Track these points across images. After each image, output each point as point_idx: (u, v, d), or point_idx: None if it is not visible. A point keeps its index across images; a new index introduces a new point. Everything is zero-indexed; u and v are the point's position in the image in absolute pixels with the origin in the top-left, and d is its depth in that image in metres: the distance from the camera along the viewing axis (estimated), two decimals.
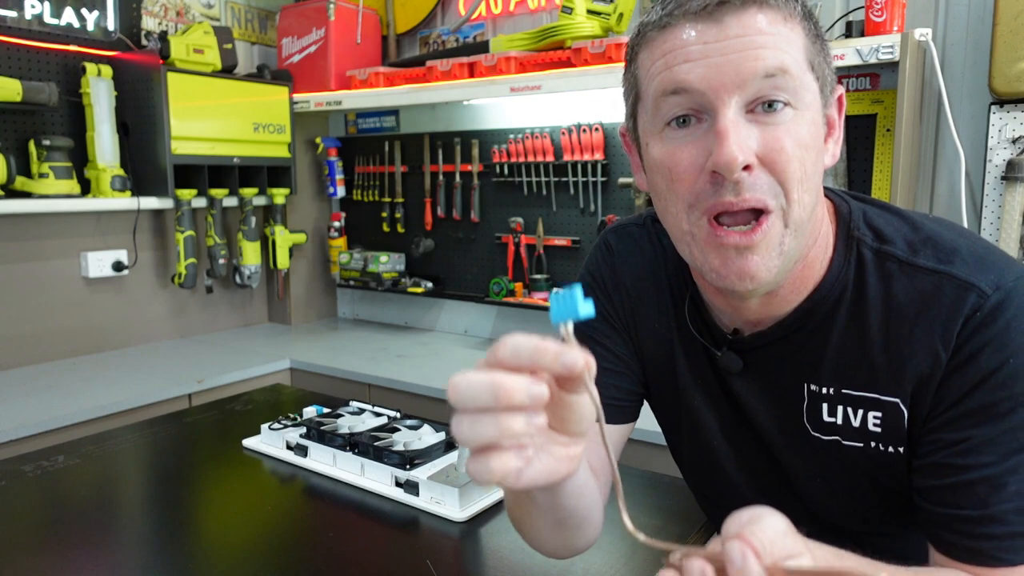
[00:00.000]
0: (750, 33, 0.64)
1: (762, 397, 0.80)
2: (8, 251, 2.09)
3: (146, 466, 1.34)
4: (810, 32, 0.69)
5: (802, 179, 0.66)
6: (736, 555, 0.44)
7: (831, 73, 0.72)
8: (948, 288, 0.67)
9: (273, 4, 2.75)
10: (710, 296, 0.80)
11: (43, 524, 1.05)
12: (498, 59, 2.10)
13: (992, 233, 1.60)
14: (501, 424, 0.45)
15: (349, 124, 2.82)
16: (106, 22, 2.26)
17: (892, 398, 0.71)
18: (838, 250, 0.74)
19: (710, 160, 0.65)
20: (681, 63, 0.66)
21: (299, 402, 1.61)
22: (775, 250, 0.67)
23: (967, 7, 1.66)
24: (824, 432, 0.76)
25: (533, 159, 2.32)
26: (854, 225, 0.75)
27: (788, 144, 0.65)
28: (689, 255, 0.72)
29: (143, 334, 2.43)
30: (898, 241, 0.72)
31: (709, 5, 0.65)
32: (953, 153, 1.67)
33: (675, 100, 0.67)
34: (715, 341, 0.82)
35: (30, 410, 1.73)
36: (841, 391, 0.74)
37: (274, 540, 1.03)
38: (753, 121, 0.65)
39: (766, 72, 0.64)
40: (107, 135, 2.18)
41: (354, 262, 2.69)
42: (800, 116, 0.66)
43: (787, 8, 0.67)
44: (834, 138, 0.75)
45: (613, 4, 1.99)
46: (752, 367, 0.79)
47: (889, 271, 0.71)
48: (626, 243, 0.90)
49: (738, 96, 0.64)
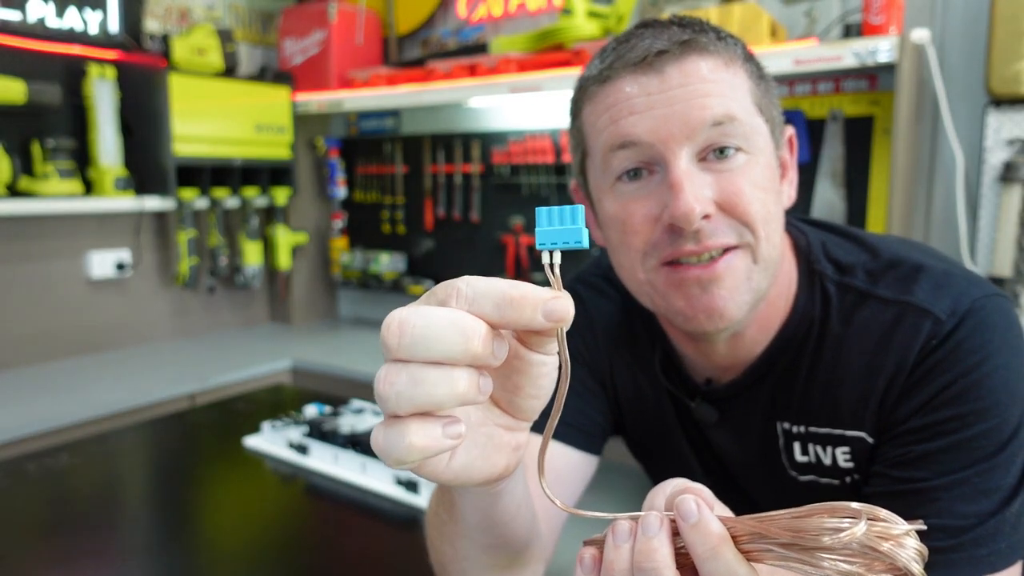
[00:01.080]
0: (693, 82, 0.63)
1: (740, 443, 0.78)
2: (11, 251, 2.10)
3: (148, 465, 1.35)
4: (753, 74, 0.68)
5: (766, 218, 0.65)
6: (691, 508, 0.38)
7: (779, 114, 0.71)
8: (907, 317, 0.66)
9: (275, 6, 2.76)
10: (680, 344, 0.78)
11: (46, 523, 1.06)
12: (498, 60, 2.11)
13: (989, 234, 1.61)
14: (454, 383, 0.35)
15: (350, 125, 2.83)
16: (109, 24, 2.27)
17: (856, 432, 0.69)
18: (801, 286, 0.72)
19: (666, 212, 0.63)
20: (626, 116, 0.64)
21: (300, 401, 1.62)
22: (743, 284, 0.65)
23: (964, 9, 1.67)
24: (800, 472, 0.74)
25: (533, 160, 2.33)
26: (814, 259, 0.73)
27: (746, 187, 0.64)
28: (652, 304, 0.70)
29: (145, 334, 2.45)
30: (858, 271, 0.70)
31: (648, 56, 0.63)
32: (950, 154, 1.68)
33: (624, 154, 0.65)
34: (688, 392, 0.79)
35: (33, 409, 1.74)
36: (809, 429, 0.72)
37: (275, 539, 1.04)
38: (706, 169, 0.64)
39: (714, 120, 0.62)
40: (110, 136, 2.19)
41: (355, 262, 2.70)
42: (753, 160, 0.65)
43: (728, 53, 0.66)
44: (788, 179, 0.73)
45: (613, 6, 1.99)
46: (727, 416, 0.77)
47: (851, 303, 0.69)
48: (596, 295, 0.86)
49: (688, 146, 0.63)
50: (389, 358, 0.35)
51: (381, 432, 0.36)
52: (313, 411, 1.42)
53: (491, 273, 2.63)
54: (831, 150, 1.82)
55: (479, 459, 0.41)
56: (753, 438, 0.76)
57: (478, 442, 0.42)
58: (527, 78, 2.03)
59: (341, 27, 2.52)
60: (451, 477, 0.40)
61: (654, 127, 0.63)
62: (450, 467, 0.40)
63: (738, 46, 0.67)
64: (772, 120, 0.69)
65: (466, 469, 0.41)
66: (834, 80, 1.81)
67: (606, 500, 1.11)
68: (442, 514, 0.60)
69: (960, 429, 0.61)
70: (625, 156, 0.65)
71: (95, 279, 2.28)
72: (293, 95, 2.56)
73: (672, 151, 0.63)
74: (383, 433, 0.36)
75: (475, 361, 0.35)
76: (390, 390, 0.35)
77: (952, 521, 0.60)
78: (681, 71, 0.63)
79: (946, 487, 0.60)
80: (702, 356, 0.75)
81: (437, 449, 0.36)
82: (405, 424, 0.35)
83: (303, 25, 2.57)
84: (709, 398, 0.78)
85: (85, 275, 2.26)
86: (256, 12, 2.73)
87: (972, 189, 1.69)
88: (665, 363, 0.80)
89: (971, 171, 1.69)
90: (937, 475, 0.61)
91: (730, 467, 0.80)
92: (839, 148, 1.81)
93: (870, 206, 1.79)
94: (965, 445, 0.61)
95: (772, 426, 0.74)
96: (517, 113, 2.39)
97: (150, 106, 2.20)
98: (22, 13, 2.07)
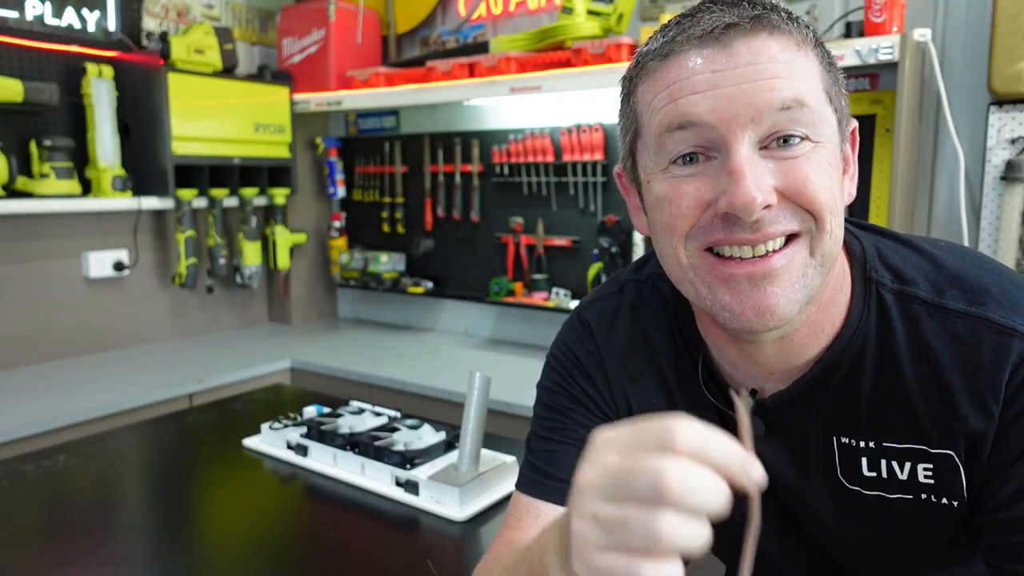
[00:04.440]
0: (762, 61, 0.58)
1: (787, 458, 0.73)
2: (9, 251, 2.09)
3: (147, 465, 1.34)
4: (824, 61, 0.63)
5: (833, 209, 0.61)
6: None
7: (847, 105, 0.66)
8: (986, 334, 0.62)
9: (274, 4, 2.76)
10: (723, 349, 0.72)
11: (44, 523, 1.06)
12: (498, 59, 2.11)
13: (991, 234, 1.61)
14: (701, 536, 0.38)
15: (349, 124, 2.83)
16: (107, 23, 2.26)
17: (943, 450, 0.64)
18: (856, 294, 0.68)
19: (723, 199, 0.59)
20: (688, 95, 0.59)
21: (299, 402, 1.62)
22: (798, 282, 0.61)
23: (966, 8, 1.67)
24: (866, 487, 0.69)
25: (533, 159, 2.32)
26: (870, 266, 0.68)
27: (813, 174, 0.59)
28: (695, 294, 0.65)
29: (144, 334, 2.44)
30: (920, 281, 0.66)
31: (716, 29, 0.59)
32: (952, 153, 1.68)
33: (681, 136, 0.60)
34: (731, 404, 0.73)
35: (31, 410, 1.73)
36: (883, 444, 0.67)
37: (274, 539, 1.03)
38: (768, 157, 0.60)
39: (782, 104, 0.58)
40: (108, 135, 2.19)
41: (354, 262, 2.70)
42: (819, 150, 0.60)
43: (800, 34, 0.61)
44: (850, 175, 0.68)
45: (613, 5, 1.99)
46: (775, 428, 0.72)
47: (915, 314, 0.65)
48: (605, 318, 0.81)
49: (752, 130, 0.59)
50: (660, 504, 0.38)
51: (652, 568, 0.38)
52: (312, 412, 1.42)
53: (491, 272, 2.60)
54: None
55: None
56: (804, 452, 0.72)
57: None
58: (527, 77, 2.03)
59: (340, 26, 2.51)
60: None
61: (717, 107, 0.58)
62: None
63: (809, 29, 0.63)
64: (840, 111, 0.64)
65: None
66: None
67: None
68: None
69: None
70: (682, 138, 0.61)
71: (93, 279, 2.28)
72: (292, 94, 2.55)
73: (735, 134, 0.58)
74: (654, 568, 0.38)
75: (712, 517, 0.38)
76: (671, 537, 0.37)
77: None
78: (750, 48, 0.59)
79: None
80: (746, 360, 0.70)
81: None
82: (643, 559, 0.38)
83: (302, 24, 2.56)
84: (756, 410, 0.72)
85: (83, 275, 2.26)
86: (255, 11, 2.72)
87: (974, 188, 1.69)
88: (705, 377, 0.75)
89: (973, 170, 1.68)
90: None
91: (776, 485, 0.74)
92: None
93: (872, 206, 1.78)
94: None
95: (828, 440, 0.70)
96: (517, 112, 2.38)
97: (148, 105, 2.19)
98: (20, 12, 2.06)
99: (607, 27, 2.00)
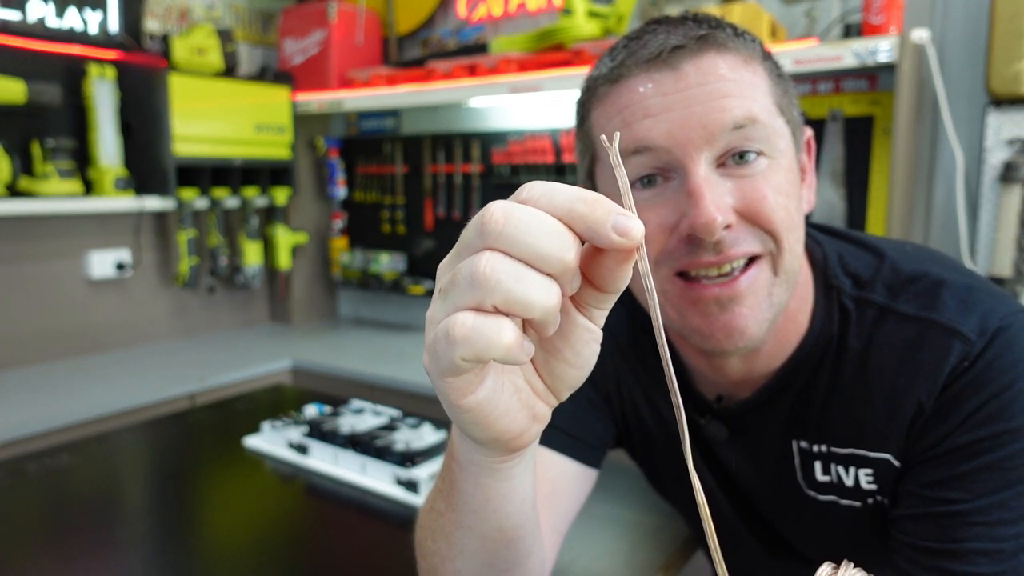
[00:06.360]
0: (711, 81, 0.59)
1: (751, 461, 0.75)
2: (11, 251, 2.10)
3: (148, 465, 1.35)
4: (772, 73, 0.64)
5: (790, 227, 0.62)
6: None
7: (799, 114, 0.67)
8: (932, 336, 0.62)
9: (275, 5, 2.76)
10: (691, 359, 0.74)
11: (46, 523, 1.06)
12: (498, 60, 2.11)
13: (989, 234, 1.61)
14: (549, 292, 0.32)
15: (350, 125, 2.83)
16: (109, 24, 2.27)
17: (880, 454, 0.66)
18: (818, 302, 0.69)
19: (684, 222, 0.60)
20: (640, 119, 0.60)
21: (300, 401, 1.62)
22: (764, 301, 0.62)
23: (964, 9, 1.67)
24: (820, 491, 0.71)
25: (533, 160, 2.33)
26: (831, 273, 0.70)
27: (769, 193, 0.60)
28: (665, 318, 0.66)
29: (145, 334, 2.45)
30: (877, 286, 0.67)
31: (663, 52, 0.59)
32: (950, 154, 1.68)
33: (638, 160, 0.61)
34: (698, 409, 0.76)
35: (33, 409, 1.74)
36: (831, 449, 0.69)
37: (275, 539, 1.04)
38: (726, 175, 0.60)
39: (735, 123, 0.59)
40: (110, 136, 2.19)
41: (355, 262, 2.70)
42: (775, 164, 0.61)
43: (747, 50, 0.62)
44: (807, 184, 0.70)
45: (613, 6, 1.99)
46: (738, 434, 0.74)
47: (870, 319, 0.66)
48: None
49: (707, 151, 0.59)
50: (482, 245, 0.33)
51: (470, 319, 0.32)
52: (313, 411, 1.42)
53: None
54: (831, 150, 1.82)
55: (502, 405, 0.38)
56: (766, 456, 0.74)
57: (506, 388, 0.38)
58: (527, 78, 2.03)
59: (341, 27, 2.52)
60: (472, 405, 0.37)
61: (671, 131, 0.59)
62: (475, 395, 0.37)
63: (756, 43, 0.64)
64: (792, 121, 0.65)
65: (488, 403, 0.37)
66: (834, 80, 1.82)
67: (607, 500, 1.11)
68: (439, 505, 0.58)
69: (994, 449, 0.59)
70: (639, 162, 0.61)
71: (95, 279, 2.28)
72: (293, 95, 2.56)
73: (691, 157, 0.59)
74: (474, 320, 0.32)
75: (563, 275, 0.33)
76: (492, 276, 0.31)
77: (993, 545, 0.58)
78: (698, 68, 0.59)
79: (983, 510, 0.58)
80: (714, 372, 0.72)
81: (516, 357, 0.33)
82: (500, 318, 0.32)
83: (303, 25, 2.57)
84: (720, 415, 0.75)
85: (85, 275, 2.26)
86: (256, 12, 2.73)
87: (972, 189, 1.69)
88: None
89: (971, 171, 1.69)
90: (973, 497, 0.59)
91: (743, 486, 0.78)
92: (839, 148, 1.81)
93: (870, 206, 1.79)
94: (999, 466, 0.59)
95: (788, 445, 0.72)
96: (517, 113, 2.39)
97: (150, 106, 2.20)
98: (22, 13, 2.07)
99: (607, 28, 2.00)
